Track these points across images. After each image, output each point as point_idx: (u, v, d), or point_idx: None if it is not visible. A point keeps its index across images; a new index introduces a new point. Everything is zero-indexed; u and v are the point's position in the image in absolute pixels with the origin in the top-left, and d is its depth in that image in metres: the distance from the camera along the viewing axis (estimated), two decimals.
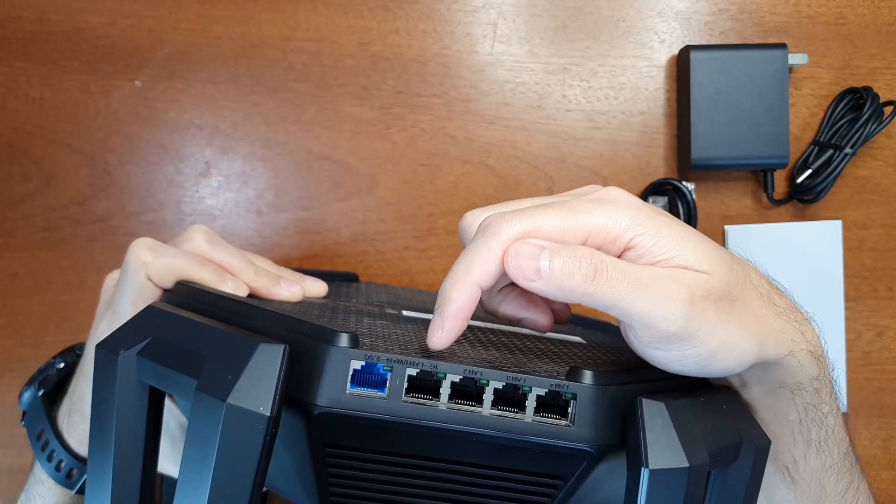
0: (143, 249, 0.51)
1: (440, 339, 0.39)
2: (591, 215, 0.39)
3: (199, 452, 0.35)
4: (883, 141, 0.83)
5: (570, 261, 0.37)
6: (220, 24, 0.81)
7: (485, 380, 0.39)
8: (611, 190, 0.42)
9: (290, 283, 0.55)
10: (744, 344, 0.40)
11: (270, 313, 0.43)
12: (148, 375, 0.40)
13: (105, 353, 0.41)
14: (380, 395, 0.38)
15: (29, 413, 0.63)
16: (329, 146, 0.82)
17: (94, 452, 0.41)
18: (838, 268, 0.83)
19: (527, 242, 0.38)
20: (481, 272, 0.39)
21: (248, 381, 0.36)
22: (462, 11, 0.82)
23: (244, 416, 0.35)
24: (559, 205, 0.40)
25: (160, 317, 0.43)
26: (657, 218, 0.40)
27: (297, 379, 0.38)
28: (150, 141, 0.81)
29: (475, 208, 0.44)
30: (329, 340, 0.38)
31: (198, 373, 0.37)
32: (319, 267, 0.82)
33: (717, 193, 0.83)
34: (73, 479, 0.59)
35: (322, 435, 0.39)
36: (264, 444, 0.35)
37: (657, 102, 0.83)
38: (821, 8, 0.83)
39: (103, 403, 0.41)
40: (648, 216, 0.39)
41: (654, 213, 0.40)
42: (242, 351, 0.37)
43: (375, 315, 0.52)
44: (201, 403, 0.36)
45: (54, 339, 0.82)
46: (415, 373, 0.38)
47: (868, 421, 0.84)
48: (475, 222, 0.43)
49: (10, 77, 0.81)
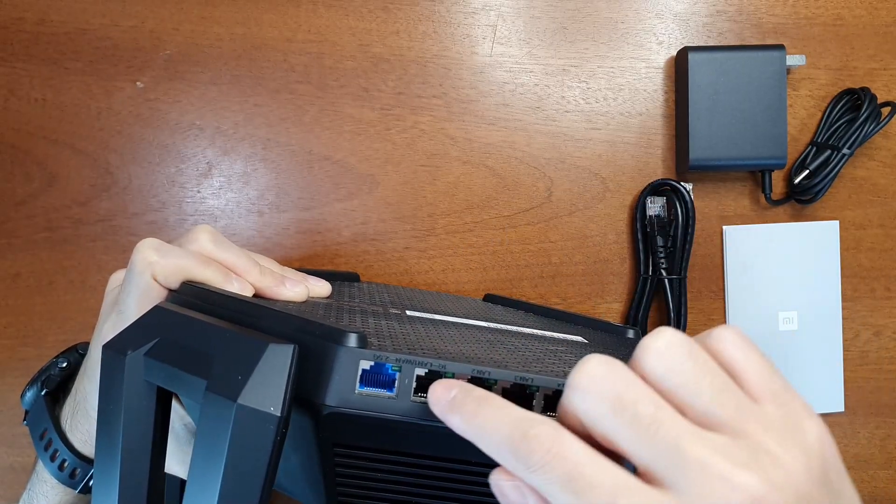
0: (149, 250, 0.51)
1: (435, 408, 0.37)
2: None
3: (209, 452, 0.36)
4: (880, 141, 0.84)
5: None
6: (222, 26, 0.81)
7: (493, 379, 0.39)
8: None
9: (294, 282, 0.55)
10: None
11: (278, 313, 0.43)
12: (156, 376, 0.41)
13: (112, 353, 0.42)
14: (388, 394, 0.38)
15: (32, 413, 0.63)
16: (330, 147, 0.82)
17: (101, 453, 0.41)
18: (836, 268, 0.84)
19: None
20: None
21: (258, 382, 0.36)
22: (462, 13, 0.82)
23: (254, 417, 0.35)
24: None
25: (167, 317, 0.43)
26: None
27: (306, 379, 0.38)
28: (152, 141, 0.82)
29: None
30: (338, 340, 0.38)
31: (207, 373, 0.37)
32: (320, 267, 0.83)
33: (715, 194, 0.84)
34: (76, 479, 0.59)
35: (330, 434, 0.39)
36: (274, 444, 0.36)
37: (655, 103, 0.83)
38: (818, 9, 0.83)
39: (111, 404, 0.41)
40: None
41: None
42: (252, 351, 0.37)
43: (380, 315, 0.52)
44: (211, 404, 0.36)
45: (56, 338, 0.83)
46: (423, 372, 0.39)
47: (865, 420, 0.84)
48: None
49: (12, 78, 0.81)
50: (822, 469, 0.33)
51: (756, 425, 0.33)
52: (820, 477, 0.32)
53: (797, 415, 0.34)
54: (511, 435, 0.33)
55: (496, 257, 0.83)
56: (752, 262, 0.83)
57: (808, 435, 0.33)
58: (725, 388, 0.34)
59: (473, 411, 0.35)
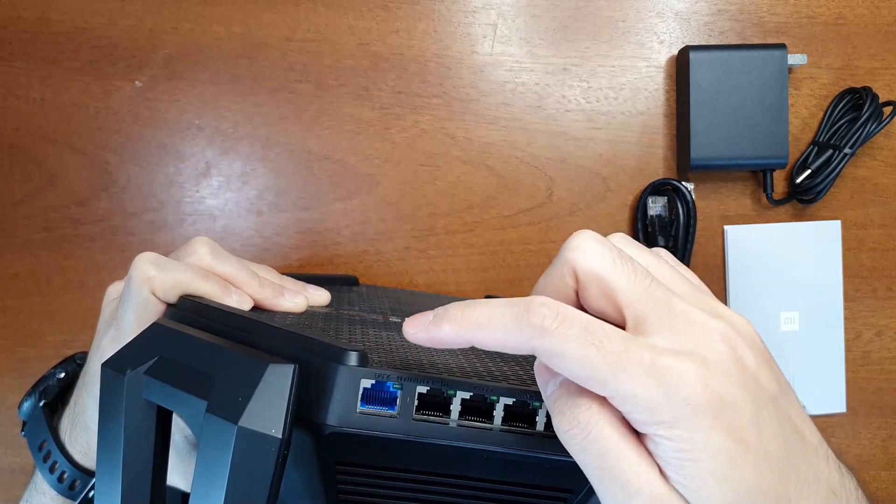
0: (147, 264, 0.51)
1: (420, 335, 0.37)
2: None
3: (210, 474, 0.35)
4: (882, 141, 0.83)
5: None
6: (221, 25, 0.81)
7: (495, 396, 0.39)
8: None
9: (293, 293, 0.55)
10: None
11: (277, 330, 0.43)
12: (155, 395, 0.40)
13: (111, 372, 0.41)
14: (390, 413, 0.38)
15: (30, 424, 0.63)
16: (329, 146, 0.82)
17: (102, 472, 0.41)
18: (837, 268, 0.84)
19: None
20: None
21: (258, 403, 0.36)
22: (462, 12, 0.82)
23: (256, 439, 0.35)
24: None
25: (167, 335, 0.43)
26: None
27: (307, 398, 0.38)
28: (151, 141, 0.81)
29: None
30: (338, 359, 0.38)
31: (207, 393, 0.37)
32: (319, 267, 0.82)
33: (716, 194, 0.83)
34: (75, 491, 0.59)
35: (332, 453, 0.39)
36: (276, 466, 0.35)
37: (657, 103, 0.83)
38: (820, 8, 0.83)
39: (111, 422, 0.41)
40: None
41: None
42: (252, 372, 0.37)
43: (380, 325, 0.52)
44: (212, 425, 0.36)
45: (54, 338, 0.82)
46: (425, 390, 0.39)
47: (867, 420, 0.84)
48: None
49: (10, 77, 0.80)
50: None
51: (708, 297, 0.38)
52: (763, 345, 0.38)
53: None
54: (514, 313, 0.34)
55: (496, 257, 0.83)
56: (753, 262, 0.83)
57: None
58: (673, 273, 0.39)
59: (460, 315, 0.36)
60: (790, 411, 0.36)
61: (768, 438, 0.33)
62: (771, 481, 0.33)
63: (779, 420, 0.34)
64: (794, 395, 0.37)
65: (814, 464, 0.35)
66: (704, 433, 0.32)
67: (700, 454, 0.32)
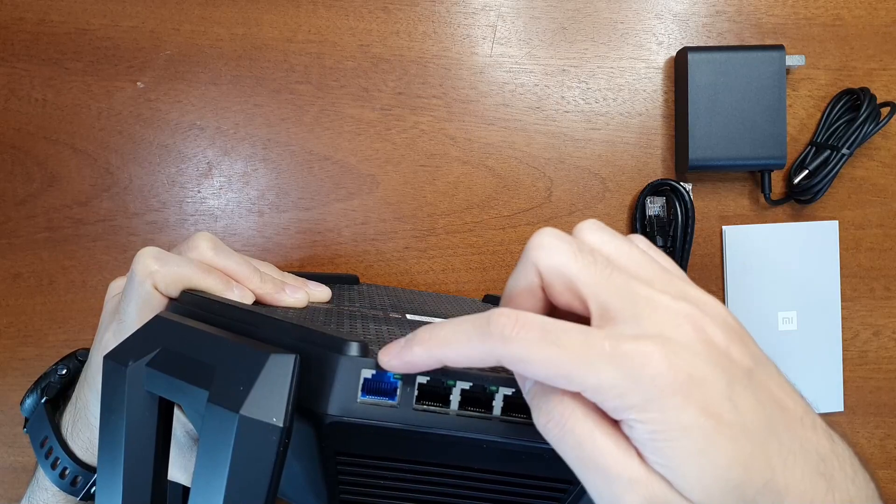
0: (150, 258, 0.51)
1: (393, 361, 0.38)
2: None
3: (212, 463, 0.36)
4: (880, 142, 0.84)
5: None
6: (222, 26, 0.81)
7: (494, 386, 0.40)
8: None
9: (294, 288, 0.55)
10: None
11: (279, 322, 0.43)
12: (157, 386, 0.41)
13: (114, 364, 0.42)
14: (390, 403, 0.39)
15: (32, 420, 0.63)
16: (330, 147, 0.82)
17: (104, 464, 0.41)
18: (835, 268, 0.84)
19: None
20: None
21: (260, 393, 0.36)
22: (462, 13, 0.82)
23: (257, 428, 0.35)
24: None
25: (169, 327, 0.43)
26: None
27: (308, 388, 0.38)
28: (153, 142, 0.82)
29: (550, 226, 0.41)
30: (339, 349, 0.38)
31: (208, 384, 0.37)
32: (320, 267, 0.83)
33: (714, 194, 0.84)
34: (77, 487, 0.59)
35: (333, 443, 0.39)
36: (277, 455, 0.36)
37: (655, 104, 0.83)
38: (818, 9, 0.83)
39: (113, 414, 0.41)
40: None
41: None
42: (253, 362, 0.37)
43: (380, 320, 0.52)
44: (214, 415, 0.36)
45: (57, 338, 0.83)
46: (425, 381, 0.39)
47: (865, 420, 0.85)
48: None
49: (12, 78, 0.81)
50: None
51: (678, 280, 0.38)
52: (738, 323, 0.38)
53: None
54: (477, 325, 0.35)
55: (496, 257, 0.84)
56: (751, 262, 0.83)
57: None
58: (643, 258, 0.39)
59: (428, 336, 0.37)
60: (768, 383, 0.36)
61: (744, 411, 0.34)
62: (750, 453, 0.33)
63: (754, 392, 0.35)
64: (775, 368, 0.37)
65: (798, 433, 0.35)
66: (675, 412, 0.33)
67: (674, 433, 0.33)
